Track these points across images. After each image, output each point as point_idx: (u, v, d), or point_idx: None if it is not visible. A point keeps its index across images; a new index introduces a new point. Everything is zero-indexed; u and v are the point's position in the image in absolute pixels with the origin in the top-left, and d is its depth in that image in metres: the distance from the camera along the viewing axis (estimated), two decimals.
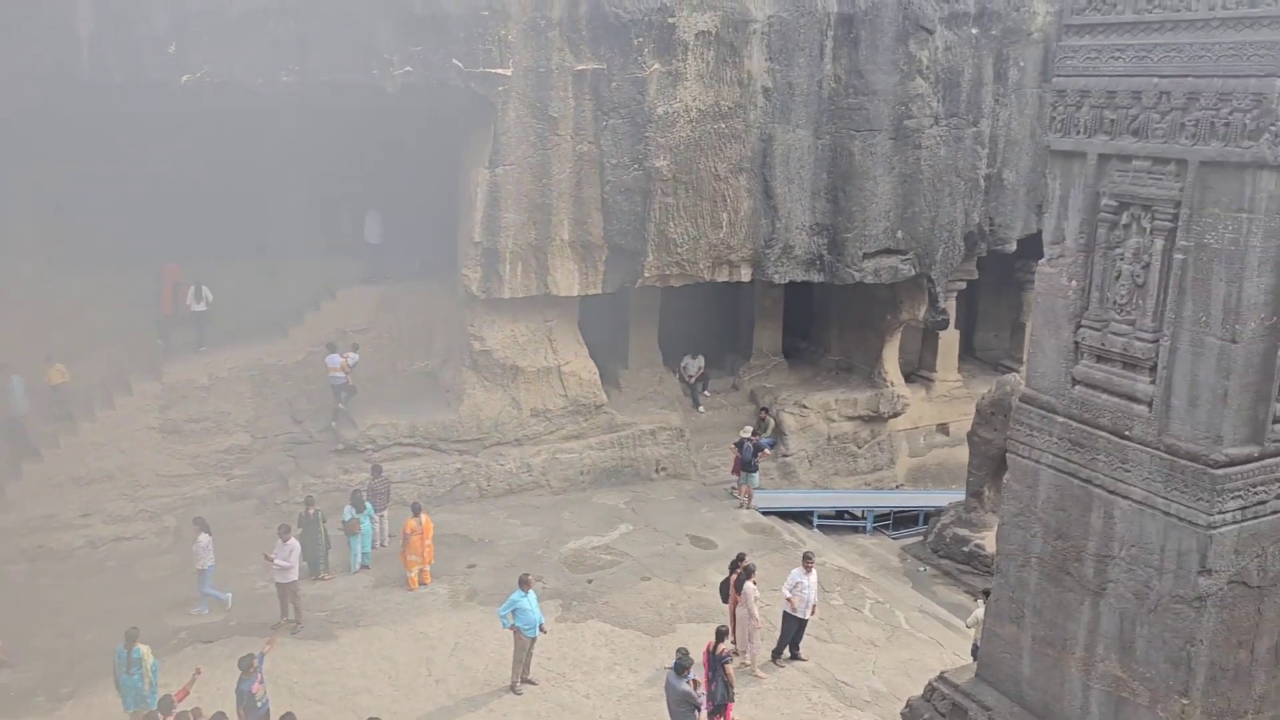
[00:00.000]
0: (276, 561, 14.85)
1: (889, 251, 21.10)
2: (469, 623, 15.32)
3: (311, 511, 16.26)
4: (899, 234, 21.02)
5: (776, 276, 20.91)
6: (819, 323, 25.24)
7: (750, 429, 20.93)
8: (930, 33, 20.29)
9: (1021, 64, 21.68)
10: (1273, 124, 7.76)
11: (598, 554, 17.86)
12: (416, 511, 16.34)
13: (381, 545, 17.63)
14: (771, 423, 22.22)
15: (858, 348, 24.07)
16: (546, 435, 20.66)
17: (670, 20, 18.46)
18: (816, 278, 21.19)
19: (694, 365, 23.31)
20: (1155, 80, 8.53)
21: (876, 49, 20.06)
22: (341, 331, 20.30)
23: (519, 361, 20.18)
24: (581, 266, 19.76)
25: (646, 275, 19.87)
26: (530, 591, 13.62)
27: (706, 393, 23.44)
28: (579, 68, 18.58)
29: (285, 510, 18.26)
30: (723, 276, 20.62)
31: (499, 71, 18.04)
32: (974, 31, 20.91)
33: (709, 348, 23.85)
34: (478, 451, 20.09)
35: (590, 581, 16.75)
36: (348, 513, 16.86)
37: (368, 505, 17.22)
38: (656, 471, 21.36)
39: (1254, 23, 7.80)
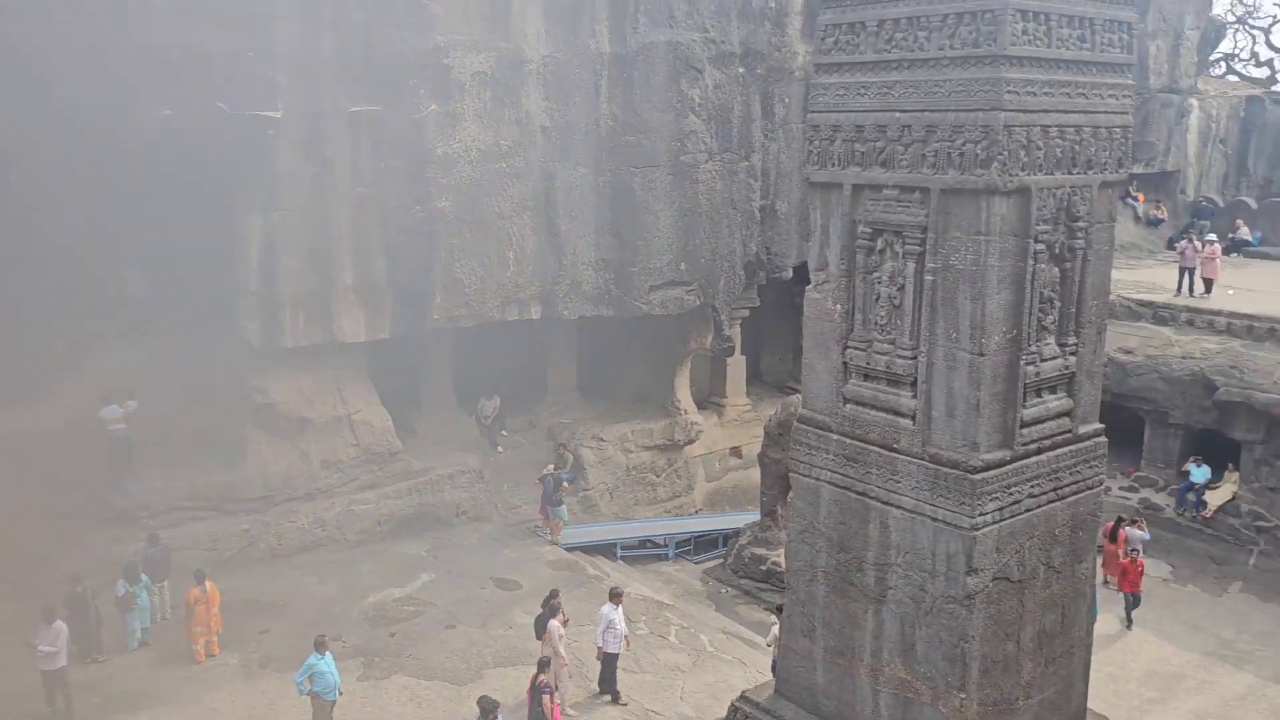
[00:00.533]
0: (40, 648, 13.61)
1: (674, 283, 21.65)
2: (264, 693, 14.50)
3: (79, 589, 15.02)
4: (682, 266, 21.61)
5: (566, 313, 21.06)
6: (612, 356, 25.55)
7: (553, 465, 20.97)
8: (700, 72, 21.06)
9: (786, 100, 22.82)
10: (1000, 153, 8.47)
11: (400, 605, 17.32)
12: (200, 579, 15.37)
13: (163, 618, 16.47)
14: (570, 457, 22.28)
15: (651, 378, 24.50)
16: (340, 487, 19.93)
17: (445, 61, 18.39)
18: (606, 312, 21.48)
19: (490, 406, 23.11)
20: (897, 115, 9.15)
21: (650, 88, 20.63)
22: (108, 390, 18.95)
23: (306, 413, 19.41)
24: (368, 311, 19.25)
25: (436, 317, 19.58)
26: (327, 653, 13.05)
27: (504, 432, 23.27)
28: (354, 109, 18.20)
29: (48, 591, 16.77)
30: (513, 315, 20.58)
31: (268, 114, 17.43)
32: (741, 70, 21.85)
33: (505, 387, 23.71)
34: (266, 510, 19.13)
35: (393, 635, 16.22)
36: (121, 587, 15.67)
37: (143, 577, 16.06)
38: (457, 515, 20.97)
39: (978, 61, 8.50)
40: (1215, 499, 22.16)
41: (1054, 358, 9.35)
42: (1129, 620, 18.48)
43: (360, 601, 17.36)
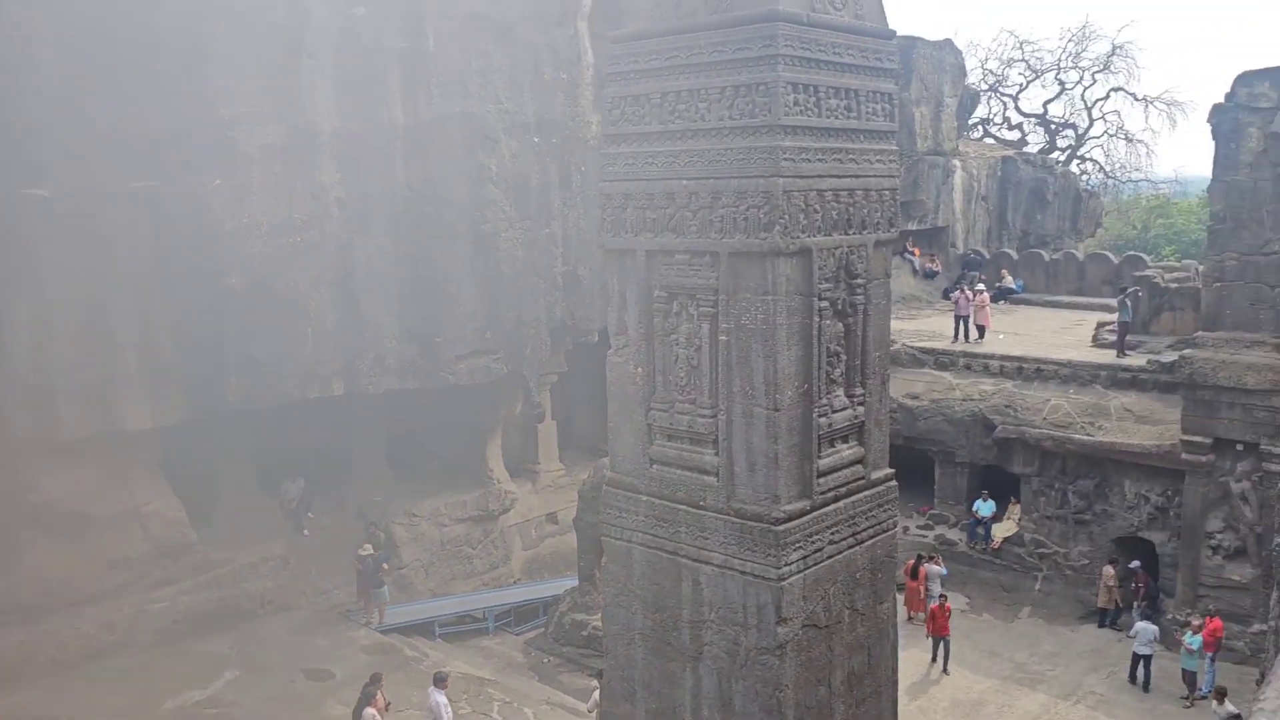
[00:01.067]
0: None
1: (481, 352, 21.53)
2: None
3: None
4: (488, 334, 21.53)
5: (371, 387, 20.55)
6: (421, 429, 25.06)
7: (370, 546, 20.31)
8: (495, 142, 21.24)
9: (583, 168, 23.29)
10: (781, 217, 8.91)
11: (201, 709, 16.25)
12: None
13: None
14: (381, 535, 21.60)
15: (463, 449, 24.15)
16: (130, 586, 18.58)
17: (230, 134, 17.82)
18: (412, 385, 21.09)
19: (294, 488, 22.18)
20: (685, 182, 9.49)
21: (447, 158, 20.62)
22: None
23: (89, 508, 18.07)
24: (155, 396, 18.17)
25: (230, 399, 18.71)
26: None
27: (311, 515, 22.35)
28: (134, 185, 17.34)
29: None
30: (314, 393, 19.90)
31: (35, 192, 16.39)
32: (536, 140, 22.17)
33: (311, 467, 22.82)
34: (44, 618, 17.59)
35: None
36: None
37: None
38: (263, 606, 19.91)
39: (755, 131, 8.95)
40: (1001, 531, 23.70)
41: (844, 409, 9.81)
42: (945, 665, 19.22)
43: (157, 709, 16.16)
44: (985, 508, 23.69)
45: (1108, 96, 51.65)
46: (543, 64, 22.29)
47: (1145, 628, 18.74)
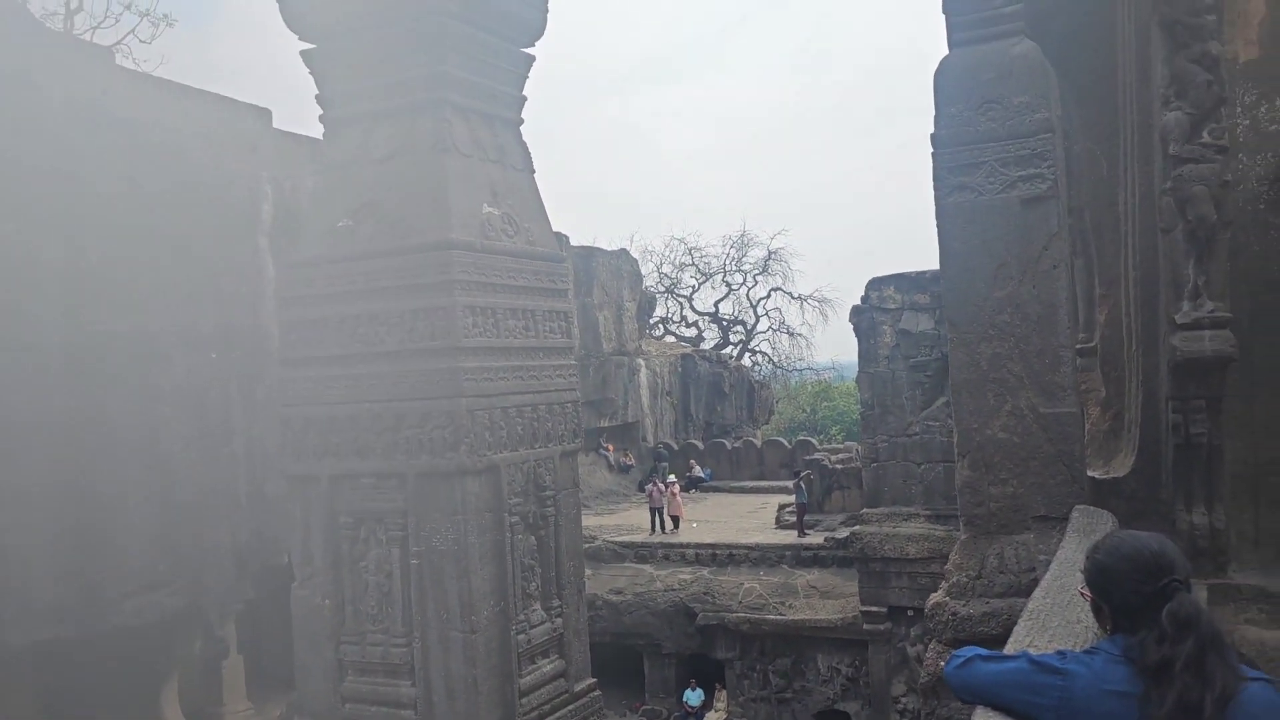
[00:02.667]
0: None
1: (153, 586, 19.55)
2: None
3: None
4: (161, 566, 19.66)
5: (16, 640, 18.00)
6: (82, 682, 22.13)
7: None
8: (170, 359, 20.09)
9: (266, 381, 22.42)
10: (466, 436, 8.99)
11: None
12: None
13: None
14: None
15: (131, 699, 21.48)
16: None
17: None
18: (69, 632, 18.68)
19: None
20: (369, 405, 9.41)
21: (115, 377, 19.19)
22: None
23: None
24: None
25: None
26: None
27: None
28: None
29: None
30: None
31: None
32: (214, 355, 21.20)
33: None
34: None
35: None
36: None
37: None
38: None
39: (436, 353, 9.10)
40: (713, 719, 23.99)
41: (542, 622, 9.77)
42: None
43: None
44: (694, 697, 23.96)
45: (769, 295, 57.14)
46: (221, 277, 21.61)
47: None
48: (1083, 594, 3.27)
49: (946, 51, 7.65)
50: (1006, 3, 7.34)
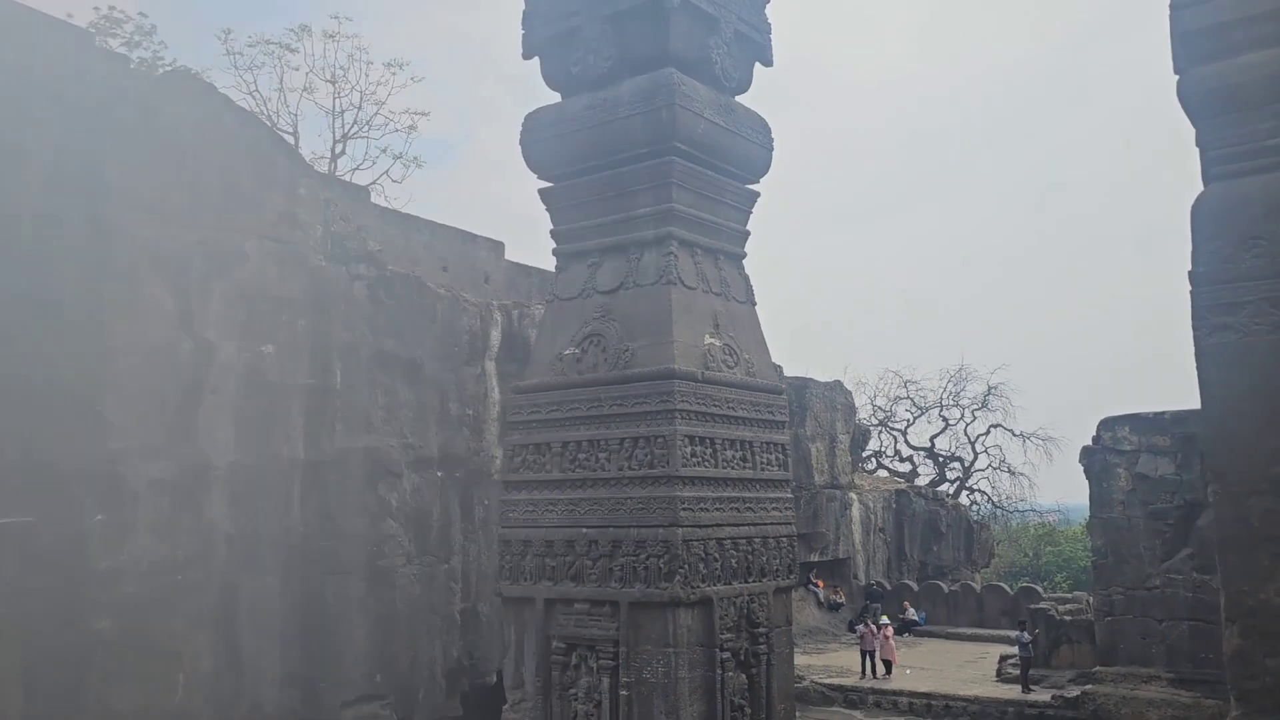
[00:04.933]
0: None
1: (369, 697, 20.17)
2: None
3: None
4: (378, 678, 20.30)
5: None
6: None
7: None
8: (398, 476, 21.14)
9: (486, 502, 23.17)
10: (681, 566, 8.85)
11: None
12: None
13: None
14: None
15: None
16: None
17: (118, 469, 17.35)
18: None
19: None
20: (584, 530, 9.46)
21: (346, 493, 20.33)
22: None
23: None
24: None
25: None
26: None
27: None
28: (2, 520, 16.51)
29: None
30: None
31: None
32: (439, 474, 22.15)
33: None
34: None
35: None
36: None
37: None
38: None
39: (654, 481, 9.09)
40: None
41: None
42: None
43: None
44: None
45: (988, 432, 54.71)
46: (449, 400, 22.74)
47: None
48: None
49: (1201, 187, 7.21)
50: (1271, 134, 6.86)
